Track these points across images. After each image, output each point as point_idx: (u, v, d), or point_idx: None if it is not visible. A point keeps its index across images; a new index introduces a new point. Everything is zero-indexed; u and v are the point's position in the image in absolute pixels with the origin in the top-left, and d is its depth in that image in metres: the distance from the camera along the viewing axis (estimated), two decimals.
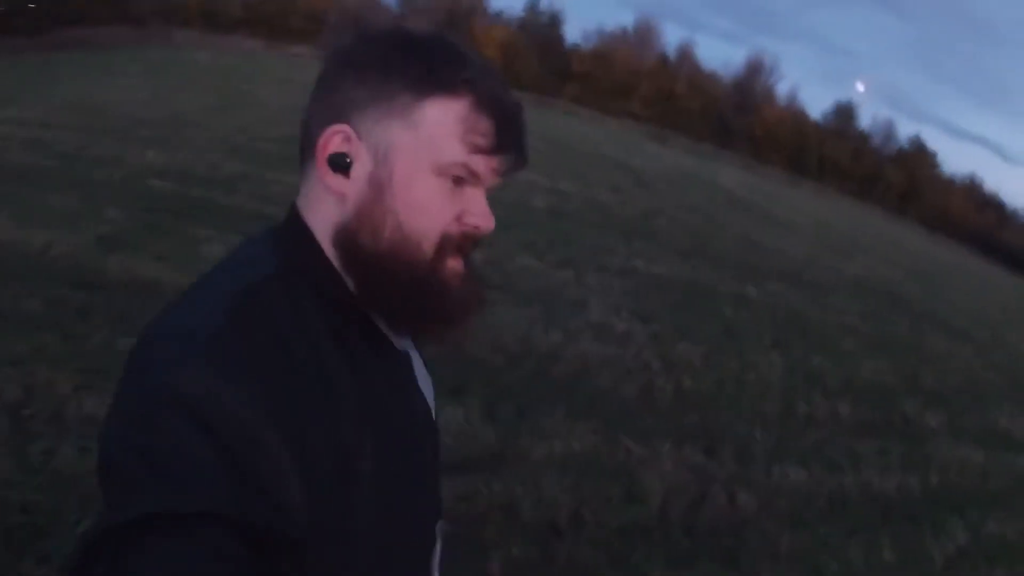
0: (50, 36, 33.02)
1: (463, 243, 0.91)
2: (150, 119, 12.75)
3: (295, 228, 0.93)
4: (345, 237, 0.89)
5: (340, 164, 0.88)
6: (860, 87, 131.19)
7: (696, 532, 4.07)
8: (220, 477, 0.70)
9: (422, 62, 0.87)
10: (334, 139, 0.89)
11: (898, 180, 59.36)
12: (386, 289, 0.89)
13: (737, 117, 58.77)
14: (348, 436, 0.84)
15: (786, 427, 5.88)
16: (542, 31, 61.32)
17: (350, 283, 0.91)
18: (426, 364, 1.12)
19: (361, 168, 0.88)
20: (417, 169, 0.87)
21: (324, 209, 0.91)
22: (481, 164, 0.88)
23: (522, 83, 50.78)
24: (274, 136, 12.83)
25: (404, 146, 0.87)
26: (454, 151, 0.87)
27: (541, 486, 4.03)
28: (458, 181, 0.89)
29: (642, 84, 58.61)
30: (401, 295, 0.89)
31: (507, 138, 0.89)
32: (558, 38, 62.84)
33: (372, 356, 0.92)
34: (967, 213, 57.79)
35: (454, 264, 0.91)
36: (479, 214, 0.91)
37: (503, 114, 0.88)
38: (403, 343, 1.00)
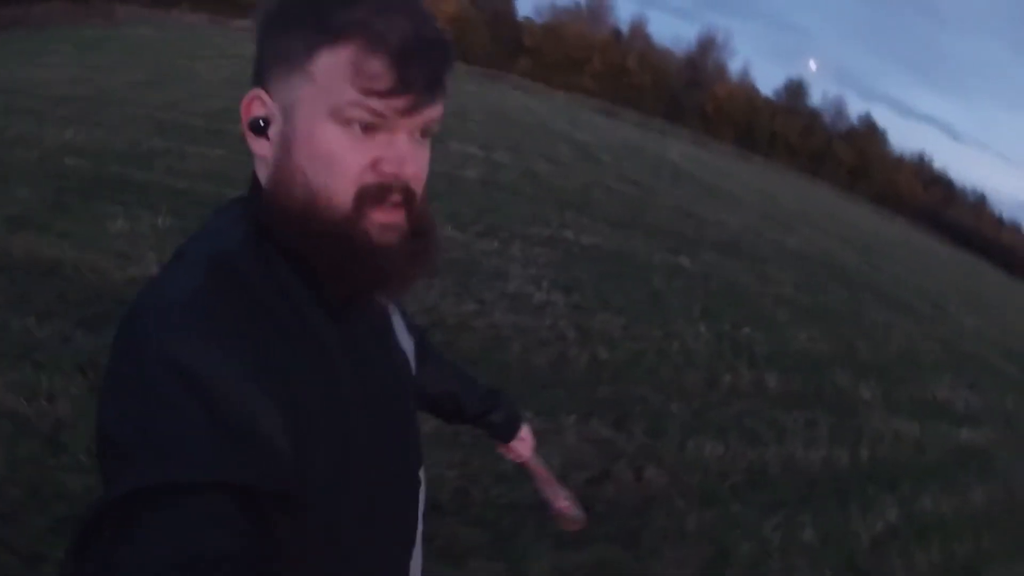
0: None
1: (384, 194, 0.86)
2: (75, 96, 12.25)
3: (256, 194, 0.92)
4: (268, 199, 0.88)
5: (257, 127, 0.88)
6: (812, 66, 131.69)
7: (595, 511, 3.75)
8: (215, 444, 0.71)
9: (315, 12, 0.84)
10: (253, 104, 0.89)
11: (848, 157, 59.54)
12: (308, 248, 0.87)
13: (689, 92, 58.65)
14: (341, 394, 0.86)
15: (706, 399, 5.56)
16: (493, 4, 60.68)
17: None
18: (405, 315, 1.14)
19: (275, 128, 0.87)
20: (316, 119, 0.84)
21: (260, 174, 0.91)
22: (380, 104, 0.83)
23: (473, 57, 50.60)
24: (201, 111, 12.51)
25: (304, 99, 0.85)
26: (346, 93, 0.83)
27: (427, 463, 3.68)
28: (367, 128, 0.84)
29: (593, 59, 58.44)
30: (323, 252, 0.87)
31: (405, 75, 0.83)
32: (510, 11, 62.29)
33: (351, 313, 0.93)
34: (915, 190, 58.10)
35: (382, 217, 0.86)
36: (394, 159, 0.85)
37: (398, 51, 0.82)
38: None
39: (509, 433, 1.57)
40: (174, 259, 0.87)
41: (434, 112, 0.88)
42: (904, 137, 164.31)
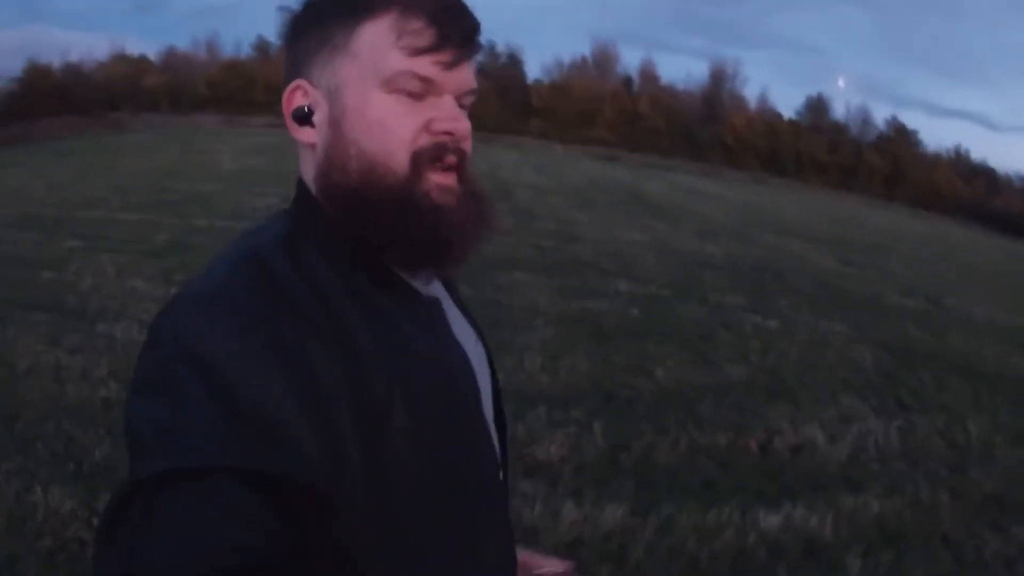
0: None
1: (440, 154, 0.89)
2: None
3: (299, 193, 0.95)
4: (322, 183, 0.90)
5: (302, 116, 0.90)
6: (840, 83, 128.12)
7: None
8: (227, 430, 0.71)
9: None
10: (294, 95, 0.91)
11: (880, 164, 56.25)
12: (370, 219, 0.88)
13: (706, 127, 56.44)
14: (372, 387, 0.83)
15: None
16: (501, 71, 60.38)
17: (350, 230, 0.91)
18: (464, 309, 1.09)
19: (321, 114, 0.90)
20: (365, 92, 0.87)
21: (307, 165, 0.93)
22: (426, 66, 0.87)
23: (484, 125, 49.72)
24: (72, 202, 13.35)
25: (349, 77, 0.88)
26: (394, 61, 0.86)
27: None
28: (416, 94, 0.88)
29: (604, 109, 57.06)
30: (385, 221, 0.87)
31: (445, 30, 0.87)
32: (519, 76, 62.36)
33: (395, 308, 0.90)
34: (955, 185, 54.23)
35: (439, 179, 0.89)
36: (446, 118, 0.88)
37: (435, 7, 0.87)
38: (430, 289, 0.99)
39: None
40: (214, 258, 0.88)
41: (470, 78, 0.91)
42: (939, 137, 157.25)
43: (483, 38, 0.91)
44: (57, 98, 44.53)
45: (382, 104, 0.86)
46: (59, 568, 3.15)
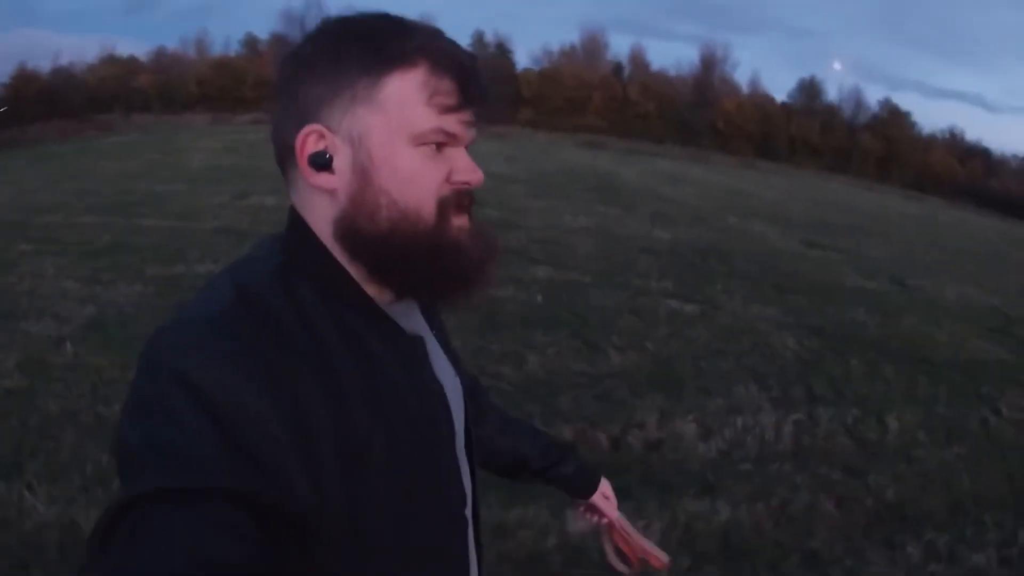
0: None
1: (461, 200, 0.92)
2: None
3: (295, 226, 0.94)
4: (345, 228, 0.90)
5: (321, 162, 0.89)
6: (837, 66, 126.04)
7: None
8: (219, 453, 0.72)
9: (371, 43, 0.88)
10: (309, 139, 0.90)
11: (873, 146, 55.74)
12: (400, 265, 0.90)
13: (698, 113, 55.81)
14: (355, 422, 0.84)
15: None
16: (491, 62, 59.80)
17: (358, 272, 0.92)
18: (449, 347, 1.12)
19: (342, 160, 0.89)
20: (395, 145, 0.88)
21: (318, 208, 0.92)
22: (453, 123, 0.89)
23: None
24: (30, 207, 13.06)
25: (376, 127, 0.87)
26: (425, 118, 0.88)
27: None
28: (439, 146, 0.90)
29: (593, 96, 56.60)
30: (416, 266, 0.90)
31: (470, 90, 0.90)
32: (508, 66, 61.50)
33: (380, 343, 0.92)
34: (950, 167, 53.65)
35: (460, 222, 0.92)
36: (465, 170, 0.92)
37: (461, 69, 0.89)
38: (414, 327, 1.00)
39: (587, 486, 1.44)
40: (204, 287, 0.88)
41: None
42: (934, 119, 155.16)
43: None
44: (45, 102, 44.19)
45: (411, 158, 0.87)
46: None
